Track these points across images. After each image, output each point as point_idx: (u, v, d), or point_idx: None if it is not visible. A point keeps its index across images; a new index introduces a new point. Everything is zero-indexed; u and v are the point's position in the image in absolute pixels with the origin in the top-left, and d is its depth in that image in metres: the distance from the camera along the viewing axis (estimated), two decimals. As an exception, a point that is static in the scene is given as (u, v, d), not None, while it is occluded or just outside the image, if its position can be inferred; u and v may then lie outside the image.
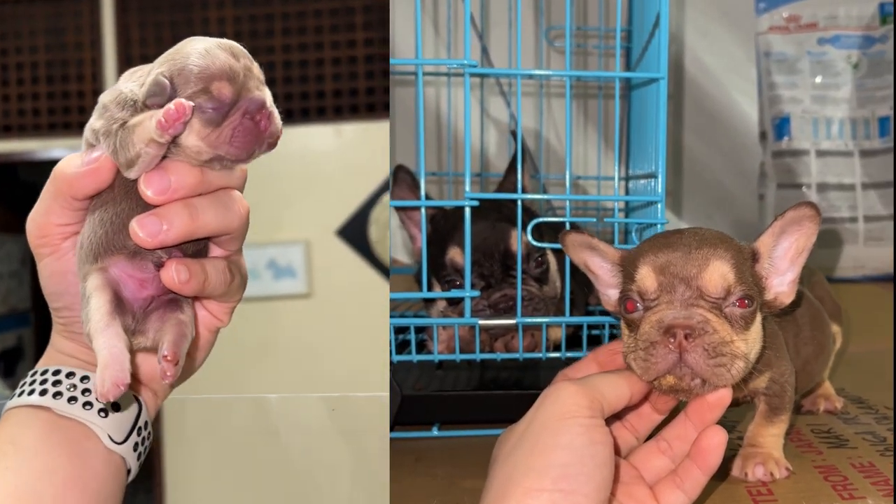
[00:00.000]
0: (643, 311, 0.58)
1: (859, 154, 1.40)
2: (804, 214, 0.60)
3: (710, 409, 0.57)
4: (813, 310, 0.78)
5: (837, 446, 0.78)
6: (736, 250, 0.59)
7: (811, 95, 1.42)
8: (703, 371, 0.55)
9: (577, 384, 0.55)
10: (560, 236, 0.65)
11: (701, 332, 0.55)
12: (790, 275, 0.62)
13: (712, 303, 0.57)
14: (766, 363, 0.65)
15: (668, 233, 0.62)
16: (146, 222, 0.49)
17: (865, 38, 1.42)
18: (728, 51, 1.57)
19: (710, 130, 1.60)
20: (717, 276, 0.57)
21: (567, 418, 0.53)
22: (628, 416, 0.61)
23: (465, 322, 0.84)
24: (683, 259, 0.57)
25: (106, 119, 0.52)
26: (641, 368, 0.57)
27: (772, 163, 1.44)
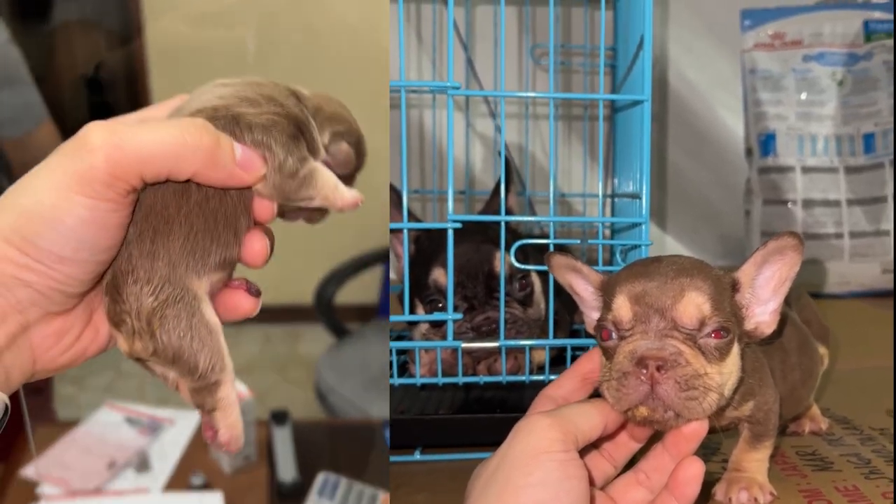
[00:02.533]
0: (618, 340, 0.58)
1: (844, 171, 1.40)
2: (787, 244, 0.59)
3: (687, 441, 0.57)
4: (800, 335, 0.78)
5: (822, 469, 0.77)
6: (714, 280, 0.59)
7: (796, 112, 1.43)
8: (674, 404, 0.55)
9: (549, 417, 0.55)
10: (546, 258, 0.65)
11: (673, 365, 0.55)
12: (772, 304, 0.61)
13: (686, 334, 0.56)
14: (748, 392, 0.65)
15: (646, 260, 0.61)
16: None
17: (850, 55, 1.42)
18: (713, 67, 1.57)
19: (695, 146, 1.60)
20: (691, 307, 0.56)
21: (540, 454, 0.53)
22: (605, 444, 0.61)
23: (447, 345, 0.83)
24: (659, 289, 0.57)
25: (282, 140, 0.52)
26: (614, 398, 0.56)
27: (757, 179, 1.44)
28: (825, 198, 1.40)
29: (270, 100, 0.52)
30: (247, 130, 0.51)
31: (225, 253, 0.51)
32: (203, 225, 0.50)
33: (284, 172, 0.51)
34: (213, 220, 0.50)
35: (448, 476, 0.81)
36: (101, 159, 0.45)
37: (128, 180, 0.46)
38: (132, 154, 0.45)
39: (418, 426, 0.88)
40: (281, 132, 0.52)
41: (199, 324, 0.49)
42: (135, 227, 0.49)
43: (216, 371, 0.50)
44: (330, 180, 0.54)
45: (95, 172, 0.45)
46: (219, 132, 0.49)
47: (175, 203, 0.49)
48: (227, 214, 0.50)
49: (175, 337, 0.48)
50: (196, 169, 0.48)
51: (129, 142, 0.45)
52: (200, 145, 0.48)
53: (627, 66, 0.96)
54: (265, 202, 0.52)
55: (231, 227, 0.51)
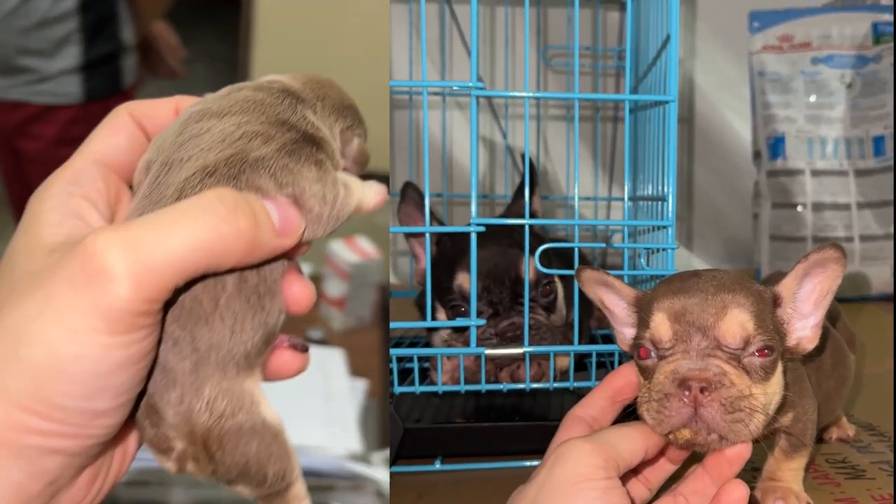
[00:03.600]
0: (657, 358, 0.56)
1: (854, 174, 1.39)
2: (829, 256, 0.57)
3: (729, 464, 0.55)
4: (834, 342, 0.76)
5: (855, 477, 0.76)
6: (756, 296, 0.56)
7: (805, 115, 1.42)
8: (719, 427, 0.53)
9: (591, 443, 0.53)
10: (576, 272, 0.63)
11: (717, 386, 0.53)
12: (813, 319, 0.59)
13: (730, 353, 0.54)
14: (788, 404, 0.63)
15: (683, 275, 0.59)
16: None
17: (859, 57, 1.41)
18: (720, 70, 1.56)
19: (702, 149, 1.59)
20: (735, 325, 0.54)
21: (582, 481, 0.51)
22: (639, 467, 0.58)
23: (470, 352, 0.81)
24: (700, 306, 0.55)
25: (311, 174, 0.44)
26: (655, 420, 0.54)
27: (766, 182, 1.43)
28: (835, 201, 1.39)
29: (279, 123, 0.45)
30: (273, 181, 0.42)
31: (271, 323, 0.43)
32: (245, 309, 0.42)
33: (324, 211, 0.44)
34: (255, 298, 0.42)
35: (472, 486, 0.80)
36: (128, 288, 0.35)
37: (162, 298, 0.37)
38: (163, 269, 0.36)
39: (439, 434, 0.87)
40: (306, 163, 0.44)
41: (264, 430, 0.42)
42: (165, 335, 0.40)
43: (286, 477, 0.43)
44: (356, 187, 0.48)
45: (124, 304, 0.36)
46: (251, 202, 0.40)
47: (209, 297, 0.41)
48: (268, 282, 0.43)
49: (239, 454, 0.41)
50: (238, 260, 0.39)
51: (155, 256, 0.36)
52: (240, 233, 0.38)
53: (647, 67, 0.95)
54: (302, 246, 0.44)
55: (271, 293, 0.43)
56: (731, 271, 0.59)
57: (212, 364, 0.40)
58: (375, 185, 0.48)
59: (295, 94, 0.47)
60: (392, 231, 0.81)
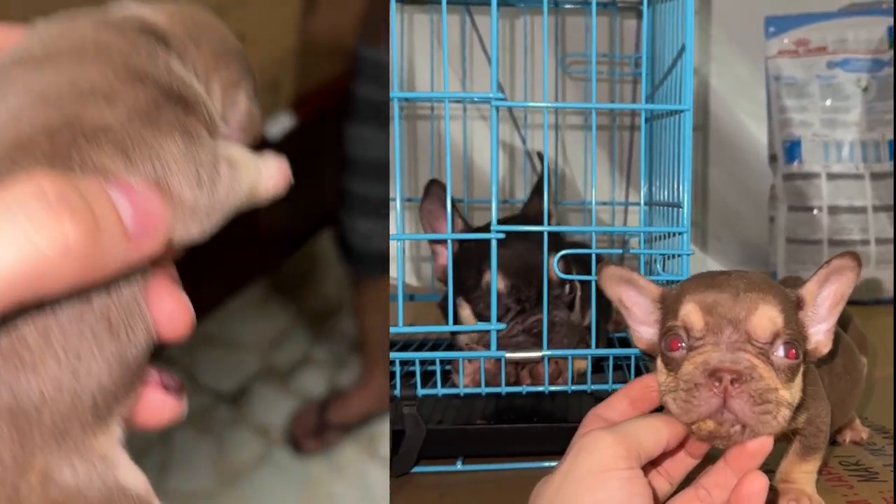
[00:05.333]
0: (686, 350, 0.58)
1: (870, 177, 1.40)
2: (847, 265, 0.60)
3: (751, 457, 0.56)
4: (845, 345, 0.78)
5: (867, 479, 0.77)
6: (783, 296, 0.59)
7: (821, 119, 1.43)
8: (747, 418, 0.54)
9: (613, 434, 0.54)
10: (598, 269, 0.64)
11: (748, 378, 0.54)
12: (826, 324, 0.61)
13: (759, 348, 0.56)
14: (802, 406, 0.65)
15: (712, 273, 0.61)
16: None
17: (874, 61, 1.42)
18: (735, 73, 1.57)
19: (717, 152, 1.60)
20: (766, 319, 0.56)
21: (605, 471, 0.52)
22: (662, 460, 0.60)
23: (490, 355, 0.83)
24: (732, 301, 0.57)
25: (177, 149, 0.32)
26: (682, 409, 0.55)
27: (782, 185, 1.44)
28: (851, 204, 1.40)
29: (131, 75, 0.33)
30: (123, 159, 0.30)
31: (132, 357, 0.32)
32: (90, 344, 0.30)
33: (200, 199, 0.32)
34: (104, 327, 0.30)
35: (494, 486, 0.82)
36: None
37: None
38: None
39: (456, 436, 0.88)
40: (170, 133, 0.32)
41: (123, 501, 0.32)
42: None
43: None
44: (248, 164, 0.35)
45: None
46: (87, 195, 0.28)
47: (36, 332, 0.29)
48: (123, 303, 0.31)
49: None
50: (70, 282, 0.28)
51: None
52: (69, 246, 0.27)
53: (662, 75, 0.96)
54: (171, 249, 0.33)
55: (130, 317, 0.31)
56: (758, 272, 0.61)
57: (44, 425, 0.30)
58: (273, 161, 0.37)
59: (157, 33, 0.35)
60: (405, 238, 0.82)
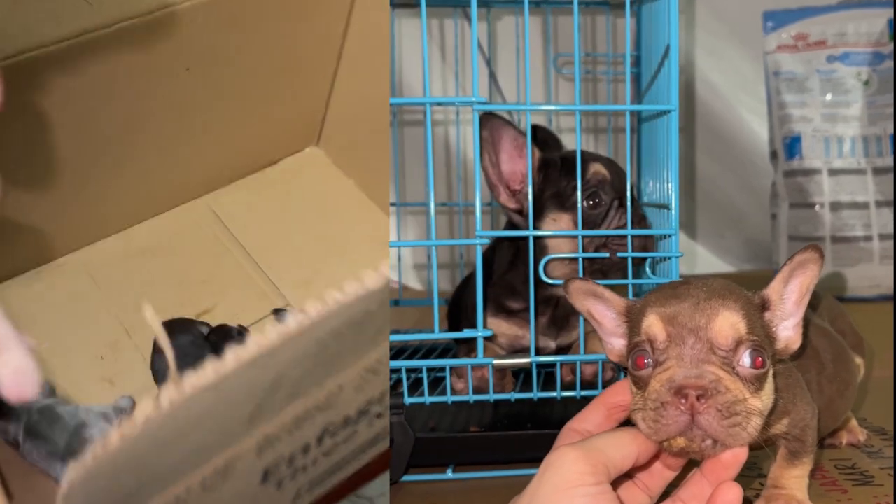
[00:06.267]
0: (652, 367, 0.57)
1: (872, 172, 1.39)
2: (810, 258, 0.59)
3: (726, 468, 0.56)
4: (836, 346, 0.77)
5: (862, 483, 0.76)
6: (745, 300, 0.58)
7: (821, 114, 1.41)
8: (716, 432, 0.53)
9: (578, 450, 0.53)
10: (564, 283, 0.64)
11: (713, 393, 0.53)
12: (794, 319, 0.61)
13: (723, 357, 0.55)
14: (782, 410, 0.64)
15: (675, 283, 0.60)
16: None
17: (875, 54, 1.40)
18: (737, 69, 1.55)
19: (720, 150, 1.59)
20: (727, 326, 0.55)
21: (570, 488, 0.51)
22: (639, 473, 0.59)
23: (478, 362, 0.82)
24: (692, 310, 0.56)
25: None
26: (651, 429, 0.55)
27: (783, 182, 1.43)
28: (853, 200, 1.38)
29: None
30: None
31: None
32: None
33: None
34: None
35: (482, 495, 0.81)
36: None
37: None
38: None
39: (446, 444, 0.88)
40: None
41: None
42: None
43: None
44: None
45: None
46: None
47: None
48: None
49: None
50: None
51: None
52: None
53: (652, 75, 0.95)
54: None
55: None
56: (720, 279, 0.60)
57: None
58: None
59: None
60: (392, 245, 0.81)
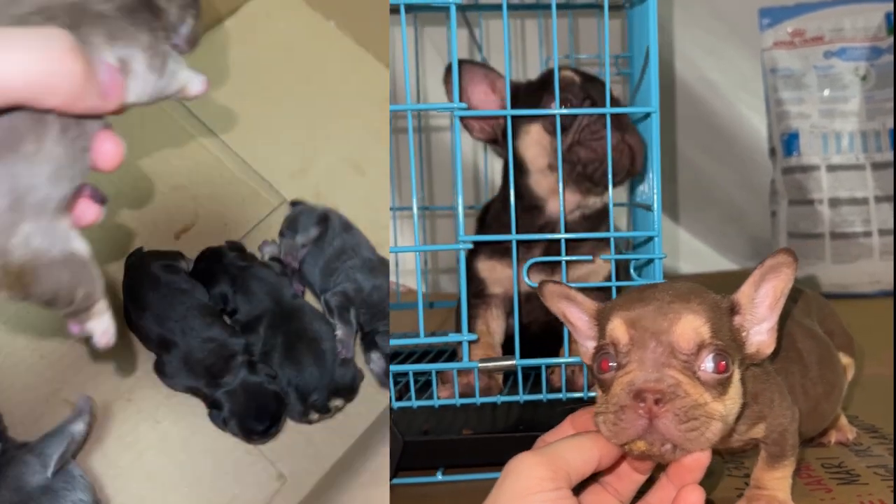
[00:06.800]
0: (615, 370, 0.57)
1: (871, 167, 1.38)
2: (783, 262, 0.59)
3: (689, 472, 0.56)
4: (821, 347, 0.76)
5: (848, 482, 0.76)
6: (711, 304, 0.58)
7: (819, 110, 1.40)
8: (674, 437, 0.53)
9: (537, 455, 0.53)
10: (539, 286, 0.64)
11: (672, 397, 0.53)
12: (768, 323, 0.60)
13: (684, 361, 0.55)
14: (758, 415, 0.64)
15: (643, 287, 0.60)
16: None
17: (873, 49, 1.40)
18: (735, 67, 1.55)
19: (720, 147, 1.58)
20: (689, 329, 0.55)
21: (529, 494, 0.52)
22: (607, 478, 0.59)
23: (463, 366, 0.83)
24: (655, 313, 0.56)
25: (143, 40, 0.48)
26: (611, 432, 0.55)
27: (782, 179, 1.42)
28: (852, 196, 1.38)
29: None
30: (106, 39, 0.44)
31: (83, 171, 0.47)
32: (66, 157, 0.44)
33: (150, 78, 0.48)
34: (75, 148, 0.45)
35: (470, 498, 0.81)
36: None
37: None
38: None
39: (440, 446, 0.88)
40: (142, 29, 0.47)
41: (74, 260, 0.46)
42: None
43: (91, 297, 0.48)
44: (185, 69, 0.52)
45: None
46: (84, 52, 0.41)
47: (33, 135, 0.42)
48: (87, 136, 0.45)
49: (51, 283, 0.45)
50: (60, 102, 0.40)
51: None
52: (72, 76, 0.40)
53: (638, 78, 0.95)
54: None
55: (87, 147, 0.46)
56: (688, 283, 0.60)
57: (30, 205, 0.43)
58: (200, 76, 0.53)
59: None
60: (420, 249, 0.81)
